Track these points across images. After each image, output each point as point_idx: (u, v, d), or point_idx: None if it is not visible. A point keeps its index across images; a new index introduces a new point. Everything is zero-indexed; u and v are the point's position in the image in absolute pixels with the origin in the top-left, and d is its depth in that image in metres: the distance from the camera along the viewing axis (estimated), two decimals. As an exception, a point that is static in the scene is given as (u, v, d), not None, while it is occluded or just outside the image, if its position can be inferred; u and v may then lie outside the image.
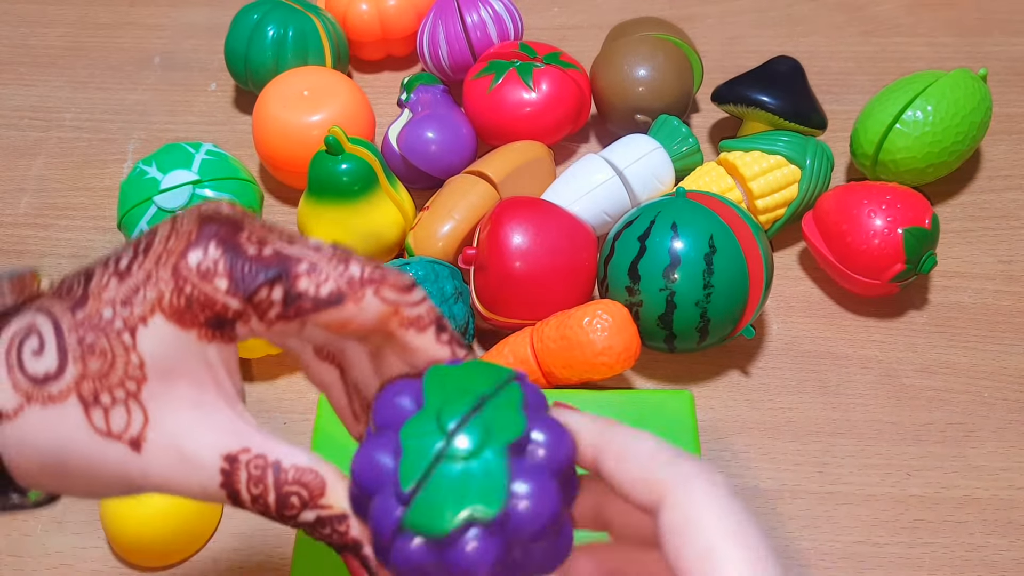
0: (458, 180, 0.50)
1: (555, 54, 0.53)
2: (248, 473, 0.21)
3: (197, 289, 0.21)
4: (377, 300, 0.22)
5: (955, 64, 0.60)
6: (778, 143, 0.49)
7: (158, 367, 0.21)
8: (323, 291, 0.22)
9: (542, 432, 0.21)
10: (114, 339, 0.21)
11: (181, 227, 0.22)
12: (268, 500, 0.21)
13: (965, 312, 0.48)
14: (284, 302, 0.22)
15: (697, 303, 0.42)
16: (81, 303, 0.21)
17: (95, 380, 0.21)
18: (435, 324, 0.23)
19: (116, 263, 0.22)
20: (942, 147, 0.49)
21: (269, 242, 0.22)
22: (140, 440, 0.21)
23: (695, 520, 0.20)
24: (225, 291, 0.21)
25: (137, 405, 0.21)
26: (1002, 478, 0.42)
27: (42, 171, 0.57)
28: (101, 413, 0.21)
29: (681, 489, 0.20)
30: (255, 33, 0.55)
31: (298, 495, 0.22)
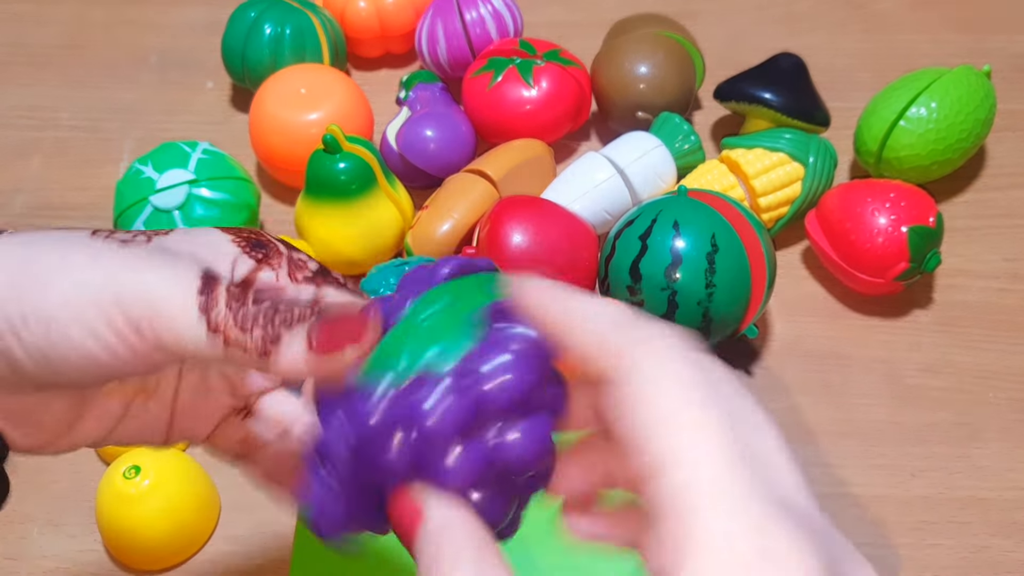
0: (457, 179, 0.49)
1: (555, 51, 0.53)
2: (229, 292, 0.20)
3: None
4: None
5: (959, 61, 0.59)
6: (781, 141, 0.49)
7: (184, 229, 0.23)
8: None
9: (500, 307, 0.20)
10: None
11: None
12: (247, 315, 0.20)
13: (970, 311, 0.48)
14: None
15: (699, 302, 0.41)
16: None
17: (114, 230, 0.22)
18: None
19: None
20: (946, 144, 0.49)
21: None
22: (130, 243, 0.21)
23: (650, 388, 0.16)
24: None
25: (144, 236, 0.22)
26: (1007, 479, 0.41)
27: (38, 171, 0.57)
28: (104, 232, 0.21)
29: (635, 354, 0.17)
30: (252, 31, 0.55)
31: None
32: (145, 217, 0.46)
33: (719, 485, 0.15)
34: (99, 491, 0.38)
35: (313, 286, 0.23)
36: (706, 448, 0.15)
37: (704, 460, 0.15)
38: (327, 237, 0.47)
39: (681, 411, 0.16)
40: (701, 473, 0.15)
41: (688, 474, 0.15)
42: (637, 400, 0.16)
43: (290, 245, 0.24)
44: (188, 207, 0.46)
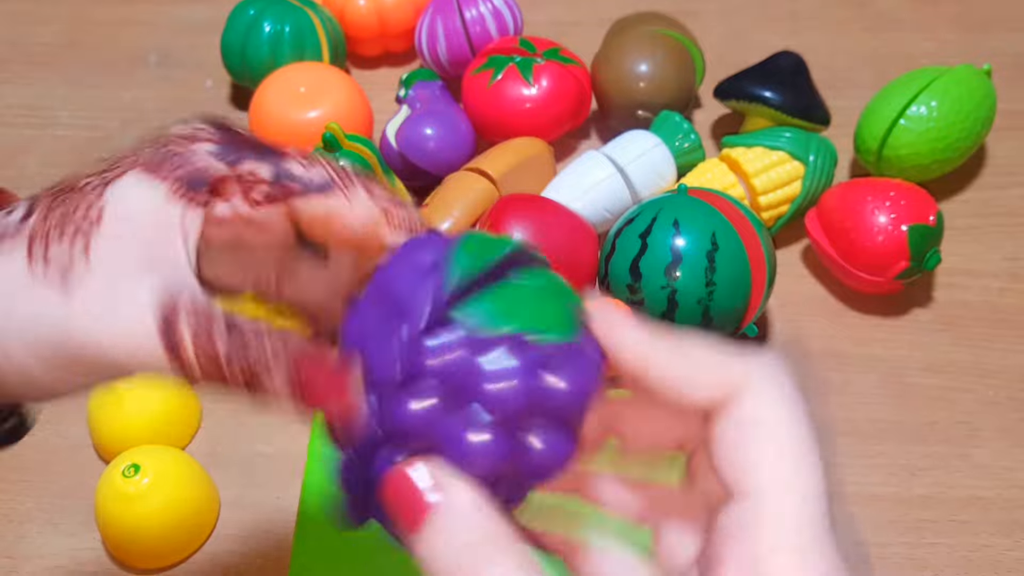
0: (457, 177, 0.49)
1: (555, 49, 0.53)
2: (189, 314, 0.19)
3: (179, 147, 0.21)
4: (368, 199, 0.21)
5: (959, 60, 0.59)
6: (781, 139, 0.49)
7: (119, 213, 0.20)
8: (314, 176, 0.21)
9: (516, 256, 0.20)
10: (85, 192, 0.20)
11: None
12: (215, 344, 0.19)
13: (970, 310, 0.48)
14: (273, 179, 0.21)
15: (699, 301, 0.41)
16: (62, 185, 0.21)
17: (52, 223, 0.20)
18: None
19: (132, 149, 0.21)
20: (946, 143, 0.49)
21: (257, 138, 0.22)
22: (68, 274, 0.19)
23: (768, 420, 0.18)
24: (209, 153, 0.21)
25: (82, 241, 0.20)
26: (1007, 477, 0.41)
27: (37, 169, 0.57)
28: (42, 249, 0.20)
29: (756, 384, 0.18)
30: (252, 29, 0.55)
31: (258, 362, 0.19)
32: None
33: (806, 528, 0.17)
34: (98, 490, 0.38)
35: (276, 206, 0.21)
36: (802, 488, 0.17)
37: (798, 499, 0.17)
38: (327, 236, 0.47)
39: (790, 445, 0.17)
40: (793, 509, 0.17)
41: (780, 507, 0.17)
42: (741, 438, 0.18)
43: (234, 134, 0.21)
44: (187, 205, 0.46)
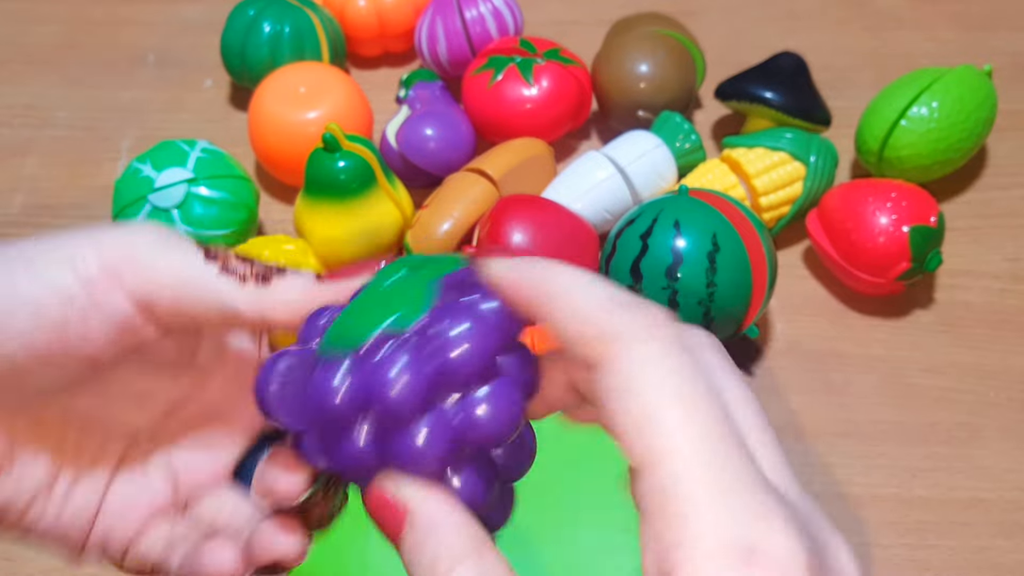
0: (457, 178, 0.49)
1: (555, 50, 0.53)
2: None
3: None
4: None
5: (960, 60, 0.59)
6: (782, 140, 0.49)
7: None
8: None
9: (463, 274, 0.19)
10: None
11: None
12: None
13: (971, 311, 0.48)
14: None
15: (700, 302, 0.41)
16: None
17: None
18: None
19: None
20: (947, 144, 0.49)
21: None
22: None
23: (637, 381, 0.16)
24: None
25: None
26: (1009, 479, 0.41)
27: (35, 170, 0.57)
28: None
29: (624, 339, 0.16)
30: (251, 29, 0.55)
31: None
32: (144, 216, 0.45)
33: (706, 480, 0.15)
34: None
35: None
36: (692, 444, 0.15)
37: (690, 456, 0.15)
38: (326, 236, 0.47)
39: (669, 406, 0.15)
40: (687, 470, 0.15)
41: (674, 469, 0.15)
42: (624, 392, 0.16)
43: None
44: (187, 206, 0.46)
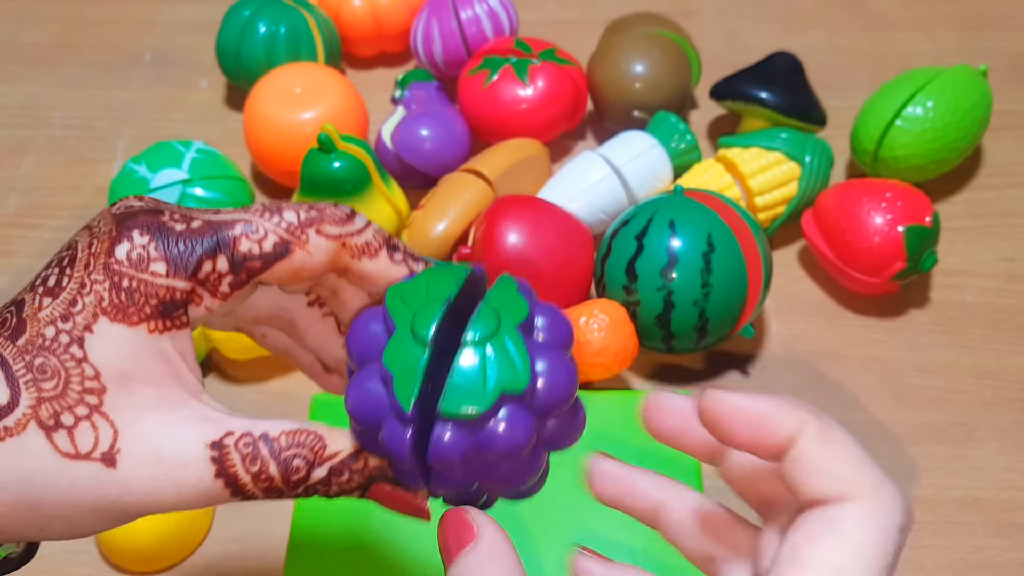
0: (453, 178, 0.49)
1: (551, 50, 0.53)
2: (240, 453, 0.20)
3: (134, 279, 0.20)
4: (322, 239, 0.22)
5: (955, 60, 0.59)
6: (777, 140, 0.49)
7: (114, 373, 0.20)
8: (267, 246, 0.21)
9: (541, 316, 0.21)
10: (63, 355, 0.20)
11: (100, 229, 0.21)
12: (271, 472, 0.20)
13: (967, 311, 0.48)
14: (232, 269, 0.21)
15: (695, 302, 0.41)
16: (19, 330, 0.20)
17: (52, 402, 0.20)
18: (386, 245, 0.23)
19: (44, 283, 0.21)
20: (943, 144, 0.49)
21: (195, 216, 0.21)
22: (113, 454, 0.20)
23: (840, 534, 0.18)
24: (165, 274, 0.20)
25: (102, 418, 0.20)
26: (1004, 479, 0.41)
27: (31, 170, 0.57)
28: (65, 435, 0.19)
29: (856, 496, 0.18)
30: (247, 29, 0.55)
31: (300, 456, 0.21)
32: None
33: None
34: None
35: (243, 288, 0.22)
36: None
37: None
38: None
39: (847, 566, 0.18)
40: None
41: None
42: (824, 534, 0.18)
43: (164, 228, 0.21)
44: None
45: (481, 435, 0.20)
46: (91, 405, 0.20)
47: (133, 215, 0.21)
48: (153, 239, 0.21)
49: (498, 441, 0.20)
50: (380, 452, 0.21)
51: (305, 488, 0.21)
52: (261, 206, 0.22)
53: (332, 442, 0.21)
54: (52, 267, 0.21)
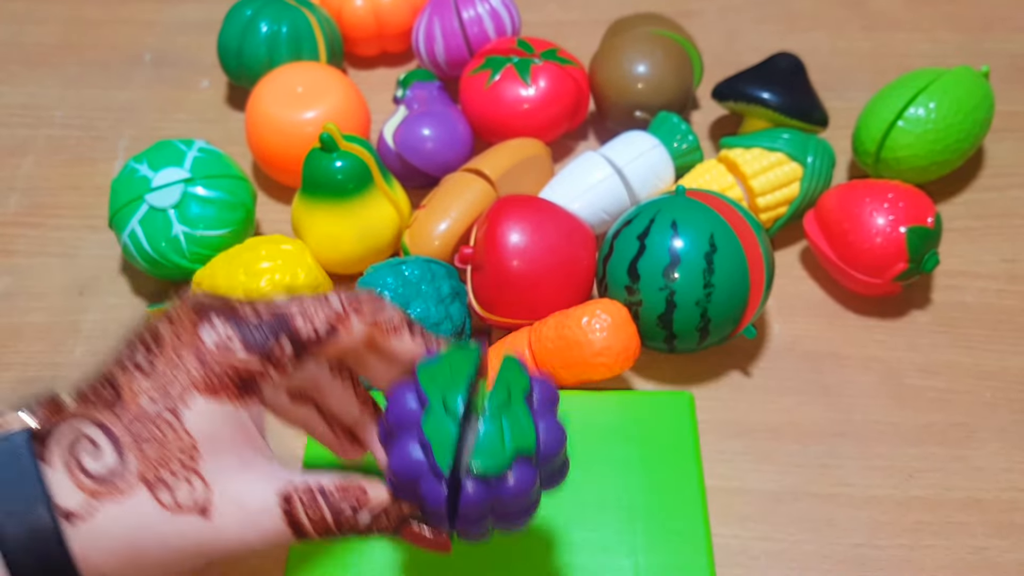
0: (454, 178, 0.49)
1: (553, 50, 0.53)
2: (303, 503, 0.25)
3: (219, 361, 0.25)
4: (359, 320, 0.27)
5: (957, 61, 0.59)
6: (779, 140, 0.49)
7: (204, 439, 0.24)
8: (320, 329, 0.26)
9: (535, 384, 0.28)
10: (162, 424, 0.24)
11: (182, 317, 0.26)
12: (326, 518, 0.25)
13: (968, 312, 0.48)
14: (294, 350, 0.26)
15: (697, 303, 0.41)
16: (119, 403, 0.24)
17: (155, 464, 0.23)
18: (406, 325, 0.28)
19: (134, 362, 0.25)
20: (945, 145, 0.49)
21: (260, 305, 0.26)
22: (207, 506, 0.24)
23: None
24: (245, 357, 0.25)
25: (197, 477, 0.24)
26: (1005, 479, 0.41)
27: (32, 169, 0.57)
28: (167, 492, 0.23)
29: None
30: (248, 29, 0.55)
31: (348, 504, 0.26)
32: (140, 216, 0.45)
33: None
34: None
35: (303, 361, 0.27)
36: None
37: None
38: (324, 236, 0.47)
39: None
40: None
41: None
42: None
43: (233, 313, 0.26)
44: (183, 206, 0.45)
45: (499, 487, 0.25)
46: (187, 466, 0.24)
47: (211, 306, 0.26)
48: (232, 327, 0.25)
49: (511, 491, 0.26)
50: (414, 500, 0.26)
51: (351, 530, 0.26)
52: (311, 296, 0.27)
53: (372, 492, 0.26)
54: (138, 349, 0.25)
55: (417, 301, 0.42)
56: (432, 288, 0.43)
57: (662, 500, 0.38)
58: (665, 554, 0.36)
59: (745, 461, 0.42)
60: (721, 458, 0.42)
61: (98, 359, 0.26)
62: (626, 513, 0.37)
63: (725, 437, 0.43)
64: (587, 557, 0.36)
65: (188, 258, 0.46)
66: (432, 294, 0.43)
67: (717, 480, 0.42)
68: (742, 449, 0.43)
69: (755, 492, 0.41)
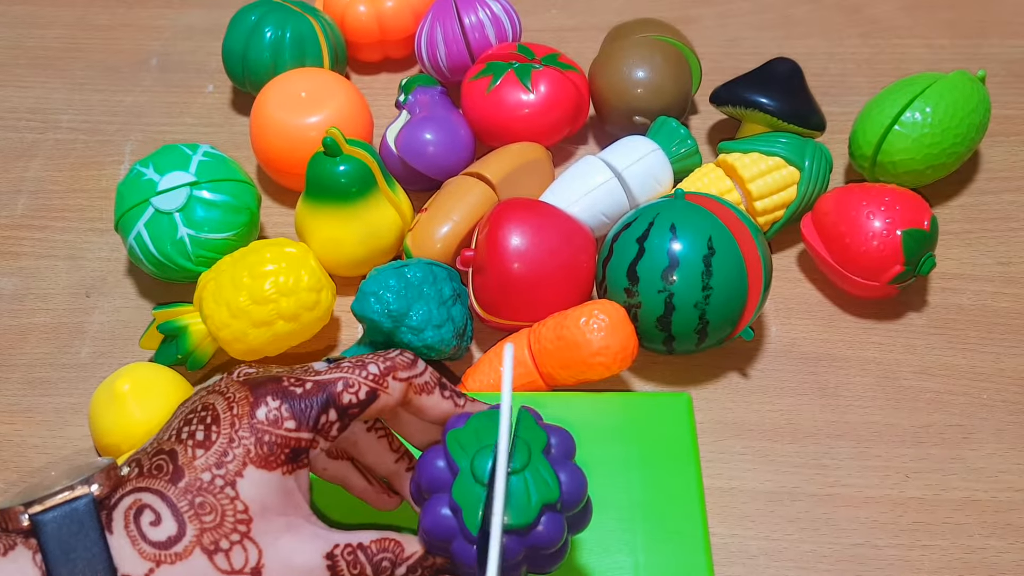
0: (456, 182, 0.50)
1: (553, 55, 0.53)
2: (345, 561, 0.27)
3: (273, 435, 0.27)
4: (397, 383, 0.29)
5: (953, 66, 0.60)
6: (777, 145, 0.49)
7: (257, 507, 0.26)
8: (362, 395, 0.28)
9: (552, 435, 0.30)
10: (219, 495, 0.26)
11: (233, 395, 0.27)
12: (368, 574, 0.28)
13: (964, 314, 0.48)
14: (339, 417, 0.28)
15: (696, 305, 0.42)
16: (178, 476, 0.26)
17: (212, 531, 0.25)
18: (438, 385, 0.30)
19: (192, 437, 0.27)
20: (941, 149, 0.49)
21: (304, 379, 0.28)
22: (260, 568, 0.26)
23: None
24: (296, 429, 0.27)
25: (250, 542, 0.26)
26: (1001, 480, 0.42)
27: (39, 173, 0.57)
28: (223, 557, 0.25)
29: None
30: (253, 34, 0.55)
31: (387, 559, 0.28)
32: (146, 219, 0.46)
33: None
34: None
35: (346, 428, 0.29)
36: None
37: None
38: (327, 239, 0.47)
39: None
40: None
41: None
42: None
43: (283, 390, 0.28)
44: (189, 209, 0.46)
45: (529, 538, 0.28)
46: (241, 532, 0.26)
47: (263, 383, 0.28)
48: (283, 402, 0.27)
49: (541, 539, 0.28)
50: (446, 555, 0.28)
51: None
52: (348, 363, 0.29)
53: (407, 546, 0.28)
54: (195, 424, 0.27)
55: (419, 303, 0.43)
56: (434, 290, 0.43)
57: (661, 500, 0.38)
58: (664, 554, 0.37)
59: (743, 461, 0.43)
60: (720, 458, 0.43)
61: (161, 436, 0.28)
62: (625, 513, 0.38)
63: (724, 438, 0.44)
64: (587, 557, 0.37)
65: (193, 261, 0.46)
66: (434, 296, 0.43)
67: (716, 480, 0.42)
68: (740, 450, 0.43)
69: (753, 492, 0.42)
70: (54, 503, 0.24)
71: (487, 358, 0.44)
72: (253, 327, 0.42)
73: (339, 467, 0.33)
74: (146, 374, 0.42)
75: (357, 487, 0.33)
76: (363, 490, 0.33)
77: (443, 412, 0.30)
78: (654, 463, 0.39)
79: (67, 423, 0.45)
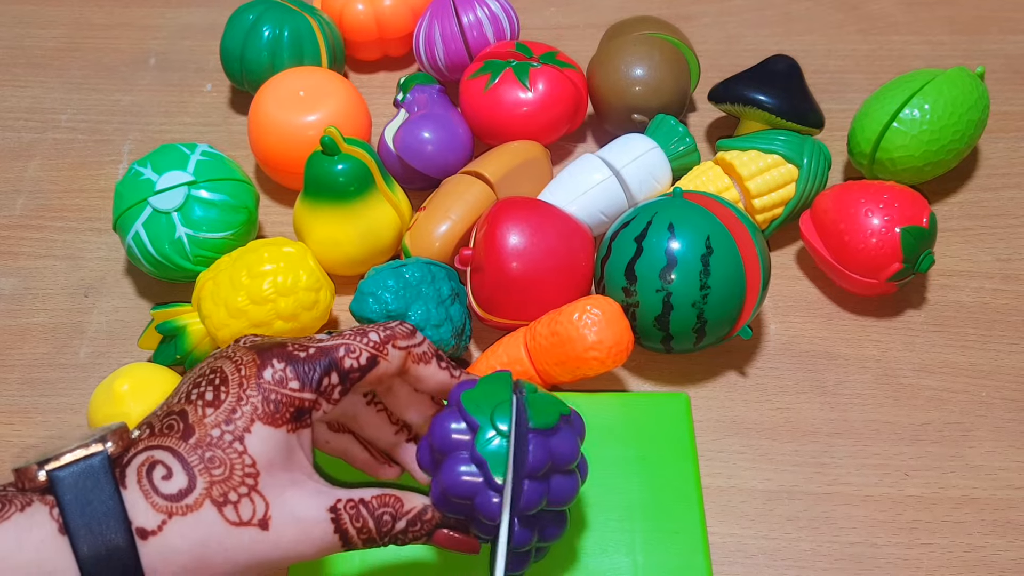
0: (454, 180, 0.49)
1: (551, 53, 0.53)
2: (348, 515, 0.28)
3: (278, 394, 0.28)
4: (396, 351, 0.30)
5: (952, 62, 0.60)
6: (775, 142, 0.49)
7: (264, 462, 0.27)
8: (362, 360, 0.30)
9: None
10: (228, 449, 0.27)
11: (243, 358, 0.29)
12: (370, 527, 0.29)
13: (963, 311, 0.48)
14: (341, 381, 0.29)
15: (694, 304, 0.41)
16: (189, 433, 0.27)
17: (221, 484, 0.26)
18: (435, 355, 0.32)
19: (201, 397, 0.28)
20: (940, 145, 0.49)
21: (308, 345, 0.29)
22: (267, 520, 0.27)
23: None
24: (300, 390, 0.28)
25: (258, 495, 0.27)
26: (1000, 478, 0.42)
27: (37, 172, 0.57)
28: (232, 509, 0.26)
29: None
30: (251, 33, 0.55)
31: (388, 513, 0.29)
32: (144, 219, 0.46)
33: None
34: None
35: (349, 393, 0.31)
36: None
37: None
38: (325, 238, 0.47)
39: None
40: None
41: None
42: None
43: (288, 353, 0.29)
44: (187, 208, 0.46)
45: (551, 440, 0.30)
46: (249, 486, 0.27)
47: (268, 347, 0.29)
48: (288, 364, 0.29)
49: (563, 443, 0.30)
50: (467, 515, 0.30)
51: (391, 537, 0.29)
52: (350, 331, 0.30)
53: (407, 501, 0.30)
54: (204, 386, 0.28)
55: (418, 302, 0.43)
56: (432, 289, 0.43)
57: (660, 500, 0.38)
58: (663, 553, 0.37)
59: (742, 460, 0.43)
60: (718, 457, 0.43)
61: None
62: (624, 513, 0.38)
63: (722, 436, 0.44)
64: (586, 557, 0.37)
65: (191, 260, 0.46)
66: (432, 295, 0.43)
67: (714, 479, 0.42)
68: (739, 448, 0.43)
69: (752, 491, 0.42)
70: (71, 460, 0.25)
71: (483, 357, 0.44)
72: (252, 327, 0.42)
73: (341, 440, 0.34)
74: (145, 374, 0.42)
75: (359, 459, 0.34)
76: (364, 461, 0.34)
77: (440, 382, 0.32)
78: (653, 462, 0.39)
79: (66, 423, 0.45)
